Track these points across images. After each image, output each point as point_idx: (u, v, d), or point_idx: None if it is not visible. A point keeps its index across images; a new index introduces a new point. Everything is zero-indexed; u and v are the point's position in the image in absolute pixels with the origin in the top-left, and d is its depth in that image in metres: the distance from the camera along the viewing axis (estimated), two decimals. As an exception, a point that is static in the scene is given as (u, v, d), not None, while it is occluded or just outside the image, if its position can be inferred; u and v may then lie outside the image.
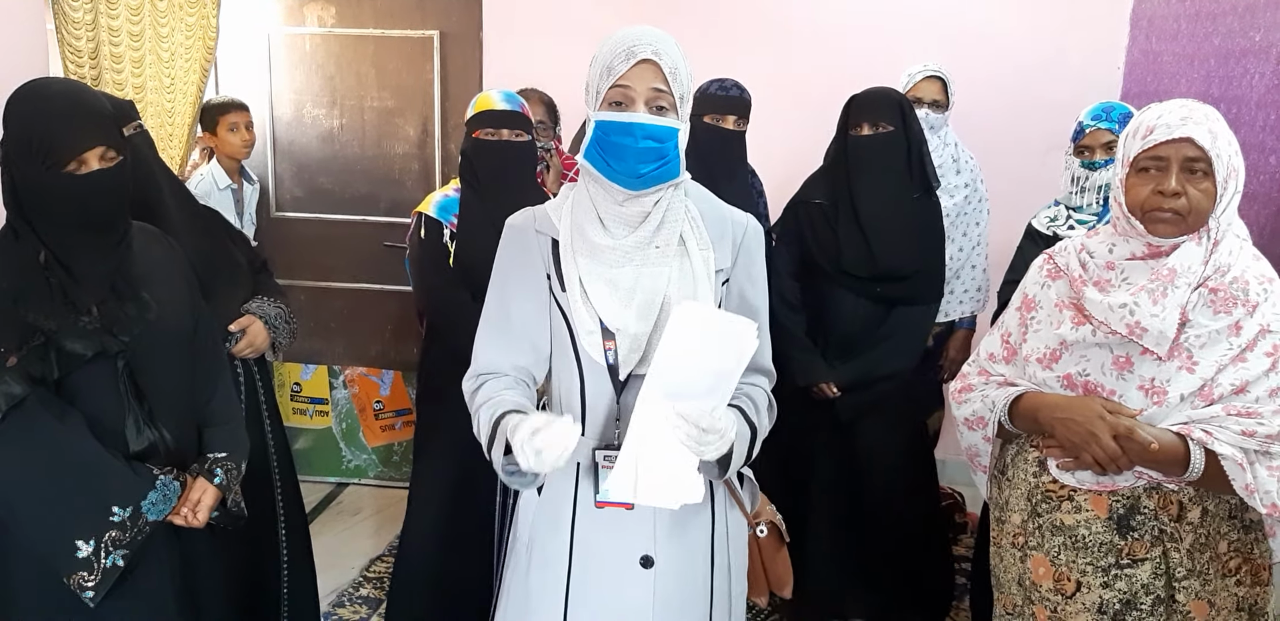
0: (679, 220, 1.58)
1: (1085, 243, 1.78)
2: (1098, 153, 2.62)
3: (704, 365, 1.45)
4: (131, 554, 1.69)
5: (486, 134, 2.59)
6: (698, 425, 1.44)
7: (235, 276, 2.36)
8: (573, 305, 1.58)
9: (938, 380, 3.33)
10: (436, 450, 2.74)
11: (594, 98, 1.55)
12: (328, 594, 3.20)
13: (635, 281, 1.56)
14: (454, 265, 2.61)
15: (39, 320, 1.64)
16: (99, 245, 1.72)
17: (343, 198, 4.02)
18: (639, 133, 1.50)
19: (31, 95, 1.69)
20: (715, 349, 1.44)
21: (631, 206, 1.56)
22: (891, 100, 2.76)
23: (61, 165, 1.64)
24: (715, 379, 1.47)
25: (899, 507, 2.87)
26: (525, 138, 2.63)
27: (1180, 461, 1.60)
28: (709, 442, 1.46)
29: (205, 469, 1.83)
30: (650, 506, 1.57)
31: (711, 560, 1.68)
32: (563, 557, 1.64)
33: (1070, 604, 1.73)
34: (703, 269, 1.59)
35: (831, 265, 2.76)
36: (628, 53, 1.50)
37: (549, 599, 1.65)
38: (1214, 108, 1.67)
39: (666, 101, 1.52)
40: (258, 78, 3.95)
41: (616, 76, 1.50)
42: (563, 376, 1.65)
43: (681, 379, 1.46)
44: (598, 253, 1.57)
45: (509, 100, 2.63)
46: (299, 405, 4.16)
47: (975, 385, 1.89)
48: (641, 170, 1.51)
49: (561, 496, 1.65)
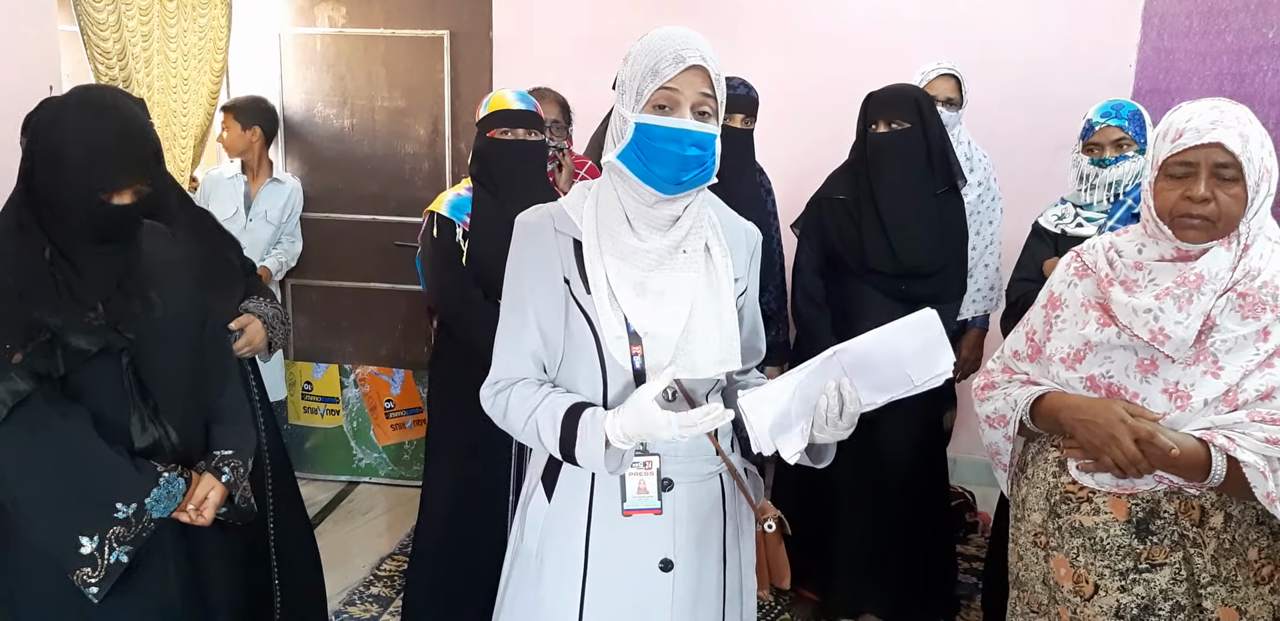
0: (705, 226, 1.57)
1: (1114, 241, 1.77)
2: (1107, 150, 2.62)
3: (896, 368, 1.49)
4: (135, 550, 1.69)
5: (500, 133, 2.60)
6: (846, 409, 1.47)
7: (232, 276, 2.36)
8: (599, 308, 1.53)
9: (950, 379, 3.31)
10: (449, 449, 2.74)
11: (633, 98, 1.50)
12: (338, 592, 3.22)
13: (664, 285, 1.54)
14: (467, 264, 2.62)
15: (45, 316, 1.63)
16: (108, 249, 1.72)
17: (353, 197, 4.02)
18: (686, 139, 1.48)
19: (88, 108, 1.67)
20: (926, 360, 1.48)
21: (662, 209, 1.53)
22: (908, 97, 2.75)
23: (100, 192, 1.65)
24: (893, 384, 1.50)
25: (915, 505, 2.87)
26: (538, 137, 2.63)
27: (1201, 467, 1.59)
28: (835, 426, 1.49)
29: (212, 466, 1.83)
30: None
31: (724, 557, 1.68)
32: (578, 564, 1.62)
33: (1088, 606, 1.72)
34: (725, 276, 1.58)
35: (856, 262, 2.75)
36: (676, 57, 1.46)
37: (563, 607, 1.62)
38: (1246, 107, 1.64)
39: (710, 107, 1.50)
40: (268, 78, 3.95)
41: (664, 79, 1.47)
42: (583, 381, 1.59)
43: (873, 363, 1.49)
44: (628, 255, 1.53)
45: (523, 100, 2.64)
46: (310, 404, 4.17)
47: (998, 383, 1.88)
48: (683, 177, 1.49)
49: (576, 504, 1.63)
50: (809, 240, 2.88)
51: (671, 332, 1.53)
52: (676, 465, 1.61)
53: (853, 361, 1.49)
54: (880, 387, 1.50)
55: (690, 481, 1.63)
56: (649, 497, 1.60)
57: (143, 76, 3.09)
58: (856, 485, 2.82)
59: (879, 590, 2.90)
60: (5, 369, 1.60)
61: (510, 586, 1.72)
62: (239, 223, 3.77)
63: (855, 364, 1.49)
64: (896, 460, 2.84)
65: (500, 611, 1.74)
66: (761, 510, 1.71)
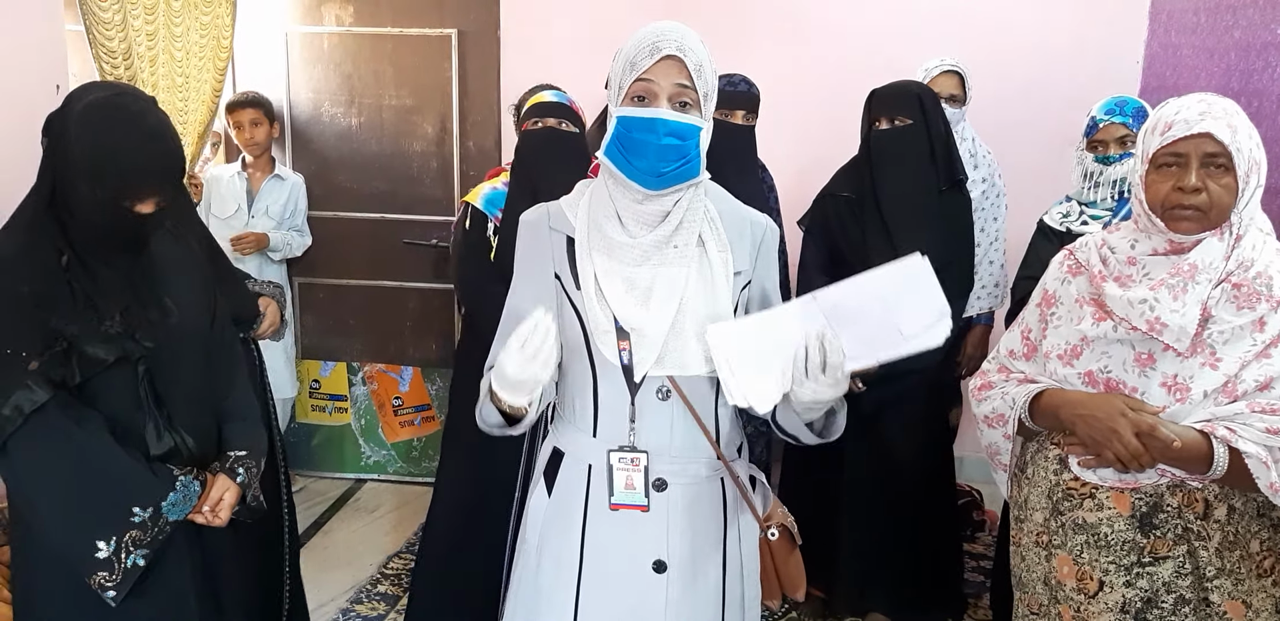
0: (698, 220, 1.56)
1: (1106, 238, 1.77)
2: (1111, 147, 2.61)
3: (888, 318, 1.40)
4: (152, 553, 1.70)
5: (532, 124, 2.62)
6: (826, 359, 1.41)
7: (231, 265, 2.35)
8: (587, 304, 1.54)
9: (956, 376, 3.32)
10: (465, 446, 2.73)
11: (616, 93, 1.52)
12: (346, 590, 3.22)
13: (653, 281, 1.53)
14: (495, 259, 2.61)
15: (62, 325, 1.64)
16: (124, 255, 1.73)
17: (361, 195, 4.04)
18: (661, 129, 1.47)
19: (113, 114, 1.66)
20: (916, 309, 1.39)
21: (651, 205, 1.53)
22: (910, 94, 2.75)
23: (119, 200, 1.65)
24: (882, 338, 1.41)
25: (922, 503, 2.86)
26: (571, 128, 2.64)
27: (1203, 459, 1.59)
28: (818, 381, 1.43)
29: (227, 467, 1.83)
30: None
31: (724, 564, 1.66)
32: (574, 560, 1.62)
33: (1093, 603, 1.71)
34: (721, 270, 1.56)
35: (859, 260, 2.75)
36: (652, 48, 1.47)
37: (559, 602, 1.63)
38: (1233, 101, 1.65)
39: (690, 98, 1.49)
40: (275, 76, 3.97)
41: (640, 71, 1.47)
42: (575, 377, 1.61)
43: (858, 310, 1.41)
44: (615, 250, 1.54)
45: (558, 96, 2.68)
46: (318, 402, 4.18)
47: (995, 382, 1.88)
48: (662, 168, 1.48)
49: (573, 498, 1.63)
50: (813, 237, 2.88)
51: (659, 328, 1.52)
52: (671, 465, 1.60)
53: (834, 309, 1.43)
54: (867, 342, 1.42)
55: (686, 483, 1.61)
56: (636, 494, 1.59)
57: (147, 75, 3.10)
58: (863, 482, 2.82)
59: (886, 588, 2.90)
60: (22, 376, 1.61)
61: (513, 580, 1.74)
62: (241, 220, 3.79)
63: (836, 313, 1.42)
64: (903, 457, 2.84)
65: (504, 604, 1.76)
66: (767, 517, 1.70)
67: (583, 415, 1.62)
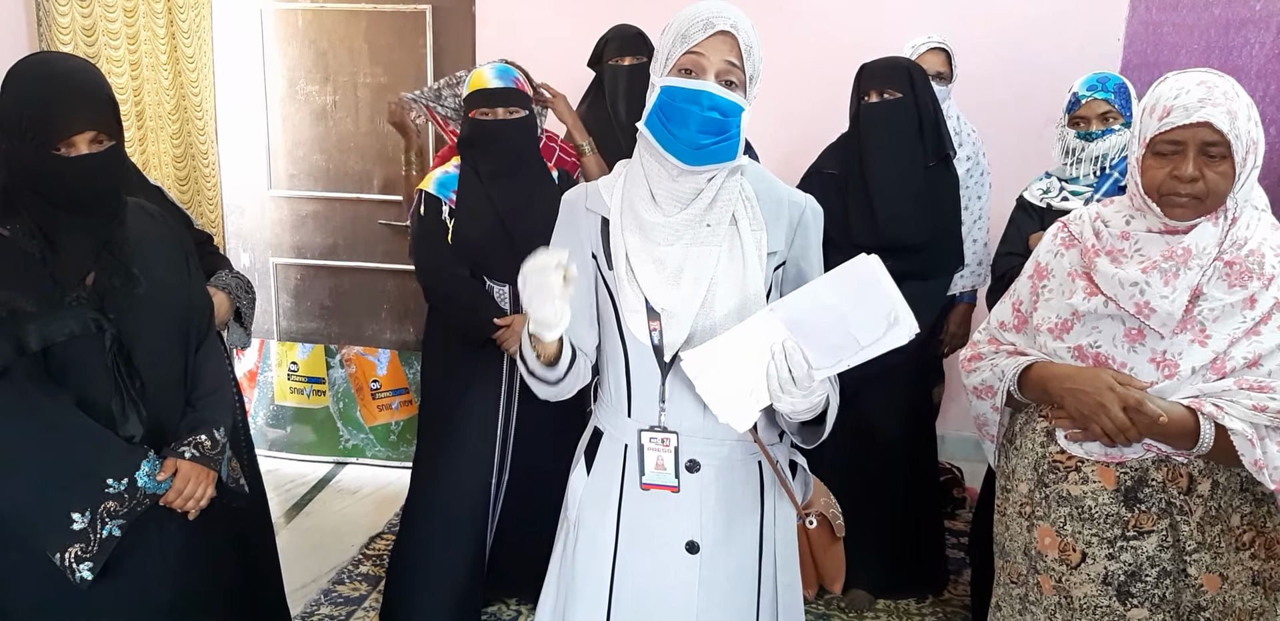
0: (732, 199, 1.54)
1: (1101, 212, 1.76)
2: (1093, 123, 2.61)
3: (846, 323, 1.39)
4: (128, 524, 1.67)
5: (481, 114, 2.58)
6: (790, 370, 1.42)
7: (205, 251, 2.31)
8: (618, 284, 1.56)
9: (938, 355, 3.32)
10: (440, 428, 2.73)
11: (662, 64, 1.51)
12: (327, 571, 3.21)
13: (683, 260, 1.53)
14: (452, 241, 2.60)
15: (15, 300, 1.60)
16: (86, 222, 1.68)
17: (337, 175, 3.99)
18: (705, 101, 1.46)
19: (30, 70, 1.64)
20: (868, 316, 1.38)
21: (685, 182, 1.52)
22: (900, 67, 2.75)
23: (49, 146, 1.61)
24: (845, 344, 1.40)
25: (904, 480, 2.87)
26: (521, 113, 2.60)
27: (1190, 435, 1.59)
28: (790, 393, 1.44)
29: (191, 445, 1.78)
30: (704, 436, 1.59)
31: (759, 548, 1.66)
32: (609, 539, 1.64)
33: (1075, 574, 1.73)
34: (754, 250, 1.55)
35: (841, 237, 2.74)
36: (706, 23, 1.47)
37: (594, 579, 1.65)
38: (1233, 79, 1.62)
39: (737, 77, 1.49)
40: (250, 54, 3.90)
41: (691, 43, 1.47)
42: (609, 357, 1.64)
43: (815, 320, 1.41)
44: (646, 230, 1.54)
45: (502, 76, 2.61)
46: (296, 384, 4.14)
47: (985, 354, 1.88)
48: (702, 141, 1.47)
49: (610, 477, 1.65)
50: None
51: (689, 309, 1.53)
52: (704, 447, 1.61)
53: (791, 320, 1.42)
54: (829, 351, 1.42)
55: (719, 464, 1.62)
56: (666, 474, 1.60)
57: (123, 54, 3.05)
58: (844, 460, 2.82)
59: (867, 565, 2.90)
60: None
61: (555, 555, 1.76)
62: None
63: (795, 323, 1.42)
64: (885, 435, 2.84)
65: (549, 578, 1.78)
66: (807, 505, 1.70)
67: (618, 395, 1.63)
